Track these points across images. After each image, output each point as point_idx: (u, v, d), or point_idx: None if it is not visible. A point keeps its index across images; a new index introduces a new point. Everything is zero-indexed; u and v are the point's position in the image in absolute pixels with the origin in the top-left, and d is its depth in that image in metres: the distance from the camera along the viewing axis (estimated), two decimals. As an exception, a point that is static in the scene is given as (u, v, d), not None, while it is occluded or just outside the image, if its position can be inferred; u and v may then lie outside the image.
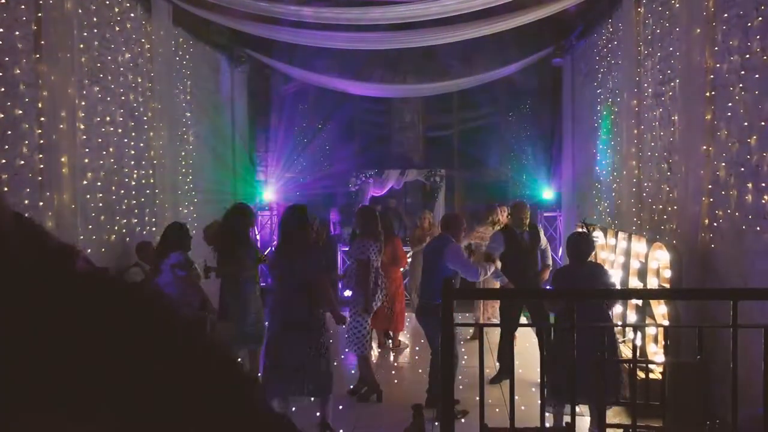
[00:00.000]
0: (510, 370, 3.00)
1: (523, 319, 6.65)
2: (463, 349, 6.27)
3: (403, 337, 7.89)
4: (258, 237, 11.02)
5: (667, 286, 5.27)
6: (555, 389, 4.34)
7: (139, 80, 7.26)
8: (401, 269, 7.62)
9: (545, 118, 11.05)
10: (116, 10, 6.77)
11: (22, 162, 5.21)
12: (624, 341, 6.19)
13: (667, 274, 5.30)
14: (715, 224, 5.07)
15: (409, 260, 8.77)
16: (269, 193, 11.21)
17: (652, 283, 5.57)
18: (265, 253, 8.97)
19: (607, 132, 8.21)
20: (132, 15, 7.10)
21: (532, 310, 6.25)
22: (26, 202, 5.25)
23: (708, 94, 5.20)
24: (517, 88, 11.25)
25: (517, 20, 8.13)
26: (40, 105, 5.44)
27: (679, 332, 5.06)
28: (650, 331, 5.49)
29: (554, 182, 10.81)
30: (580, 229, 5.06)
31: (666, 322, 5.16)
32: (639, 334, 5.70)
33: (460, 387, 5.66)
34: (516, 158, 11.25)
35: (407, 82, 11.21)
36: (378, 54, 10.77)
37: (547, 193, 10.74)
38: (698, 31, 5.29)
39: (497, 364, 6.42)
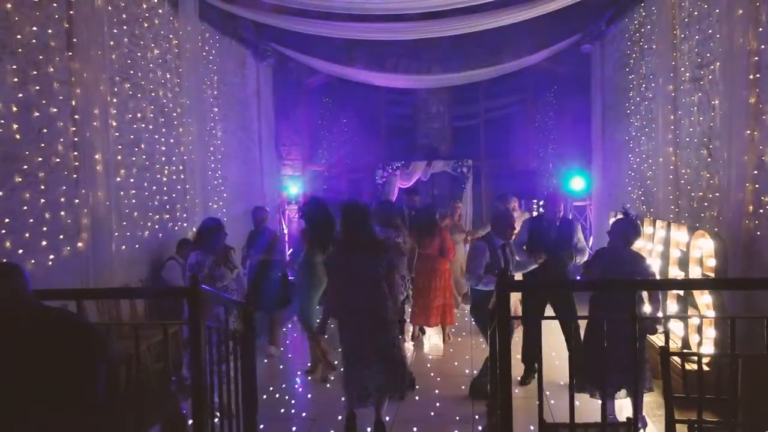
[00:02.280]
0: (539, 364, 2.89)
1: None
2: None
3: (432, 330, 7.80)
4: (286, 230, 11.02)
5: (711, 275, 5.14)
6: (593, 377, 4.31)
7: (168, 76, 7.27)
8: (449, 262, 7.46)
9: (574, 106, 10.84)
10: (144, 6, 6.77)
11: (58, 160, 5.24)
12: (664, 332, 6.06)
13: (711, 263, 5.16)
14: (761, 211, 4.92)
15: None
16: (296, 187, 11.18)
17: (695, 272, 5.43)
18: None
19: (641, 119, 8.04)
20: (160, 11, 7.09)
21: (556, 304, 5.87)
22: (62, 199, 5.28)
23: (752, 76, 5.03)
24: (545, 76, 11.06)
25: (544, 7, 7.98)
26: (73, 102, 5.46)
27: (725, 323, 4.92)
28: (693, 321, 5.36)
29: (585, 171, 10.62)
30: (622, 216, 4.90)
31: (712, 313, 5.03)
32: (681, 324, 5.58)
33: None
34: (544, 147, 11.08)
35: (433, 72, 11.08)
36: (403, 44, 10.67)
37: (577, 183, 10.55)
38: (740, 11, 5.12)
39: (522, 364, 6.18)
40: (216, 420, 2.91)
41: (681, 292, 5.70)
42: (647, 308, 4.65)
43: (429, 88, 11.44)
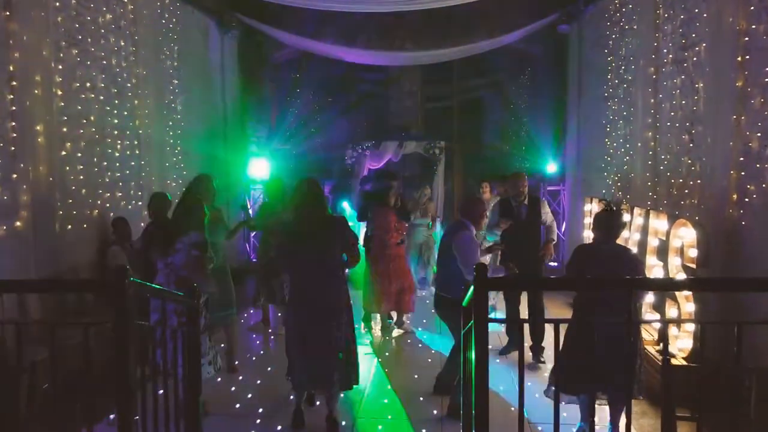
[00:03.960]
0: (521, 371, 2.59)
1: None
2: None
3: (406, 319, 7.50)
4: (251, 211, 10.59)
5: (692, 265, 4.92)
6: (570, 379, 4.01)
7: (122, 43, 6.75)
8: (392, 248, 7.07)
9: (550, 87, 10.58)
10: (95, -35, 6.23)
11: (-8, 130, 4.76)
12: (637, 325, 5.87)
13: (692, 253, 4.94)
14: (746, 199, 4.71)
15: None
16: (262, 166, 10.72)
17: (675, 262, 5.22)
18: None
19: (619, 102, 7.79)
20: (113, -28, 6.56)
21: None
22: (-2, 174, 4.81)
23: (740, 58, 4.79)
24: (521, 56, 10.78)
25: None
26: (11, 68, 4.97)
27: (704, 317, 4.72)
28: (670, 313, 5.16)
29: (558, 155, 10.40)
30: (602, 207, 4.60)
31: (691, 305, 4.82)
32: (656, 315, 5.39)
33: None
34: (519, 129, 10.82)
35: (405, 49, 10.68)
36: (375, 19, 10.25)
37: (551, 166, 10.33)
38: (729, -10, 4.87)
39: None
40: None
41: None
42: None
43: (401, 66, 11.06)
